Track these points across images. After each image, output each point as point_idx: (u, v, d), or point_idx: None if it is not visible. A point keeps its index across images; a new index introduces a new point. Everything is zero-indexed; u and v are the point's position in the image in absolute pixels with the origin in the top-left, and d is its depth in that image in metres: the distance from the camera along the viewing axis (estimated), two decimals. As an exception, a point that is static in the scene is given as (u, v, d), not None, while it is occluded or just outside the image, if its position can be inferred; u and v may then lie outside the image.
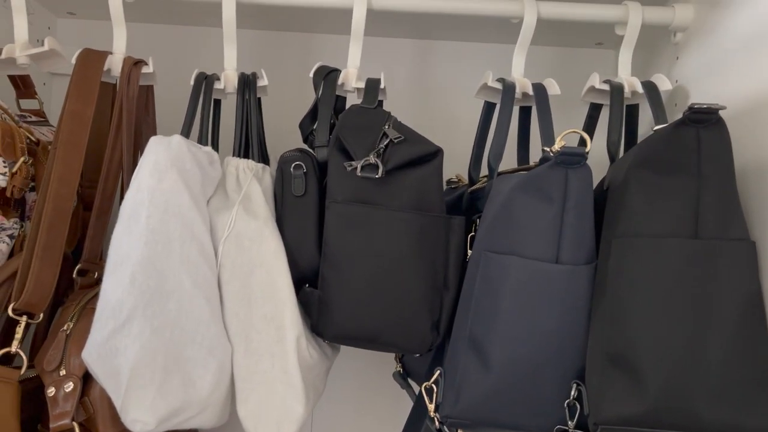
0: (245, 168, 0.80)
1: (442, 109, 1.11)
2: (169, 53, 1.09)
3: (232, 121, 0.84)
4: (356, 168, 0.71)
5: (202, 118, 0.83)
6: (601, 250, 0.69)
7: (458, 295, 0.75)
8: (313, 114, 0.82)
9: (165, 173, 0.70)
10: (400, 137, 0.73)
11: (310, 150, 0.81)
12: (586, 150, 0.66)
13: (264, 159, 0.86)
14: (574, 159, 0.66)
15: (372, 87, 0.81)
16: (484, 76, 0.85)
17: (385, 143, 0.73)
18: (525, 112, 0.89)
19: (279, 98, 1.06)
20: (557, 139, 0.66)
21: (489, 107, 0.89)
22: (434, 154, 0.74)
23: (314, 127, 0.82)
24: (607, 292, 0.66)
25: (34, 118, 0.94)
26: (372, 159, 0.71)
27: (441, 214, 0.73)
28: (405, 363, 0.93)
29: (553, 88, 0.82)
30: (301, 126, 0.84)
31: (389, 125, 0.75)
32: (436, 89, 1.12)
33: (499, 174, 0.77)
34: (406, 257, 0.72)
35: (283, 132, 0.99)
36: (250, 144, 0.84)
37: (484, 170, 0.84)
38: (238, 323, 0.73)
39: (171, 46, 1.12)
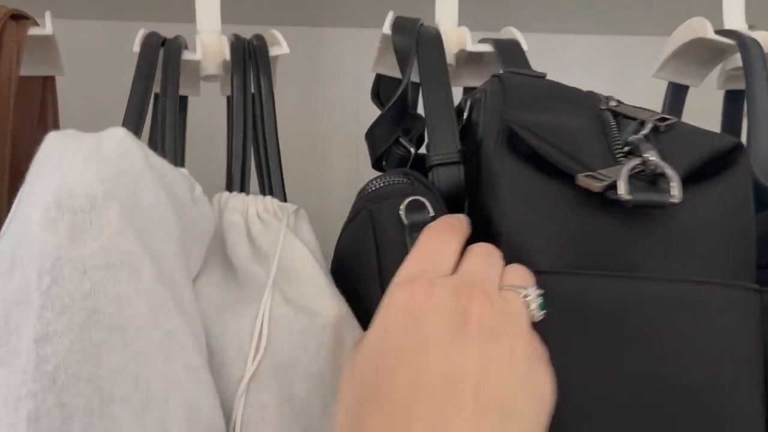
0: (263, 211, 0.37)
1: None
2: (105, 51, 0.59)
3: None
4: (617, 186, 0.29)
5: (156, 118, 0.40)
6: None
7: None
8: (400, 109, 0.41)
9: (89, 217, 0.26)
10: (669, 119, 0.33)
11: (416, 174, 0.38)
12: None
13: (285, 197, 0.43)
14: None
15: (510, 49, 0.42)
16: (691, 29, 0.47)
17: (644, 133, 0.32)
18: (733, 99, 0.52)
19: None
20: None
21: (676, 92, 0.51)
22: (732, 152, 0.33)
23: (399, 134, 0.41)
24: None
25: None
26: (654, 158, 0.29)
27: (755, 286, 0.32)
28: None
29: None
30: (373, 137, 0.42)
31: (615, 101, 0.35)
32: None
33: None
34: (725, 391, 0.30)
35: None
36: (261, 171, 0.41)
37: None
38: None
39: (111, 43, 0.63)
